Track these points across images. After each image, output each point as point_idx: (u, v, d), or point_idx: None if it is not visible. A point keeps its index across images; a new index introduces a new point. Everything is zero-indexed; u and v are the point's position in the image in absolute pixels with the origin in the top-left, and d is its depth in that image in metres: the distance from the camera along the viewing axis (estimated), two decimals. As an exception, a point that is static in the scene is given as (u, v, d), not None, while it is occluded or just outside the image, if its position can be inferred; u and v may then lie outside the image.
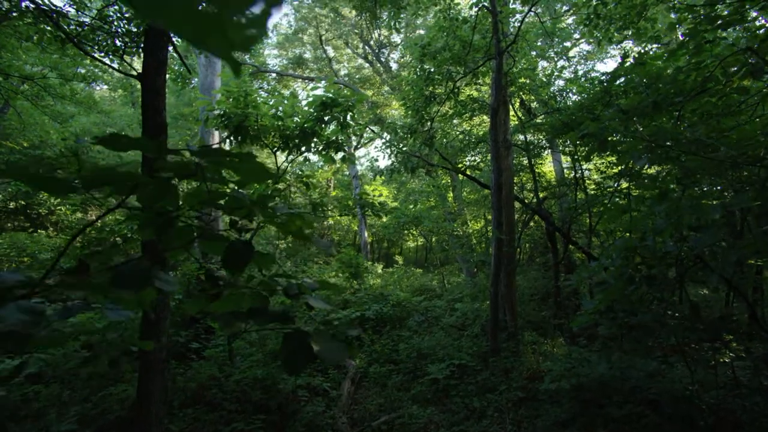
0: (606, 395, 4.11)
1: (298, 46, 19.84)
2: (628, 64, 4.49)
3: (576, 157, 7.65)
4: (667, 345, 4.49)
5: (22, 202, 12.26)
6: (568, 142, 7.80)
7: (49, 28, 3.23)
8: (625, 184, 6.95)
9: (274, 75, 19.17)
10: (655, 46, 5.91)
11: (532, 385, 5.06)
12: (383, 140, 9.04)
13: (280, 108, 5.80)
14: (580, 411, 4.20)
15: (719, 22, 2.40)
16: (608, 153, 5.15)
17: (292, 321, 0.91)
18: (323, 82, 6.29)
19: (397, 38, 18.17)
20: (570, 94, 8.60)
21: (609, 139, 3.67)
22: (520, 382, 5.14)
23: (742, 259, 2.75)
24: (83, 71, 7.73)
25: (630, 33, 5.62)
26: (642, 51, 4.79)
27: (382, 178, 9.19)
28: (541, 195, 8.66)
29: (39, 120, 9.59)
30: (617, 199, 7.35)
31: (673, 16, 6.69)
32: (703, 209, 1.90)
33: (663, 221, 2.40)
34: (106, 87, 16.27)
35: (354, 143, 18.66)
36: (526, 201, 9.24)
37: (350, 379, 5.63)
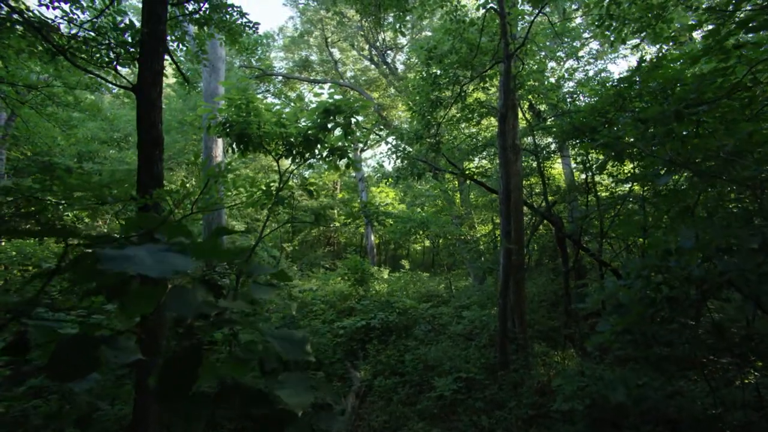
0: (622, 414, 3.91)
1: (304, 48, 19.81)
2: (643, 65, 4.29)
3: (587, 164, 7.42)
4: (687, 358, 4.28)
5: (32, 208, 12.40)
6: (578, 143, 7.57)
7: (40, 40, 3.15)
8: (637, 187, 6.70)
9: (280, 78, 19.16)
10: (670, 44, 5.65)
11: (542, 400, 4.86)
12: (389, 145, 8.90)
13: (284, 115, 5.69)
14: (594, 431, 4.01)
15: (750, 25, 2.21)
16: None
17: (270, 404, 0.77)
18: (327, 85, 6.16)
19: (402, 40, 18.03)
20: (580, 96, 8.37)
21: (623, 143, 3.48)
22: (530, 398, 4.94)
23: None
24: (88, 78, 7.73)
25: (644, 35, 5.38)
26: (659, 53, 4.57)
27: (390, 180, 9.04)
28: (550, 199, 8.42)
29: (44, 127, 9.64)
30: (630, 204, 7.10)
31: (689, 14, 6.43)
32: (738, 235, 1.73)
33: (688, 242, 2.22)
34: (111, 93, 16.36)
35: (360, 146, 18.55)
36: (535, 205, 9.01)
37: (354, 394, 5.49)
